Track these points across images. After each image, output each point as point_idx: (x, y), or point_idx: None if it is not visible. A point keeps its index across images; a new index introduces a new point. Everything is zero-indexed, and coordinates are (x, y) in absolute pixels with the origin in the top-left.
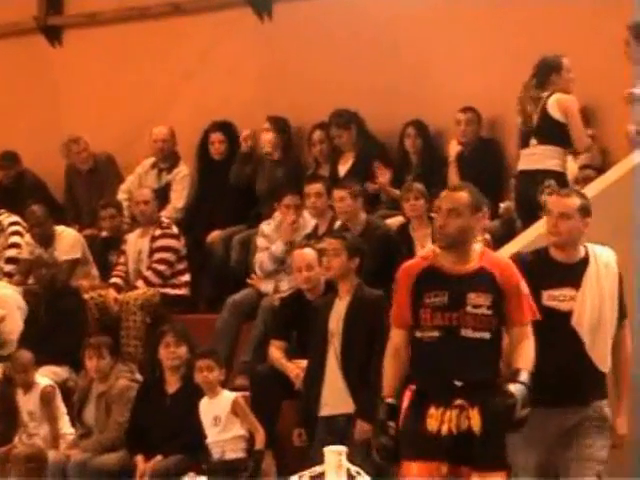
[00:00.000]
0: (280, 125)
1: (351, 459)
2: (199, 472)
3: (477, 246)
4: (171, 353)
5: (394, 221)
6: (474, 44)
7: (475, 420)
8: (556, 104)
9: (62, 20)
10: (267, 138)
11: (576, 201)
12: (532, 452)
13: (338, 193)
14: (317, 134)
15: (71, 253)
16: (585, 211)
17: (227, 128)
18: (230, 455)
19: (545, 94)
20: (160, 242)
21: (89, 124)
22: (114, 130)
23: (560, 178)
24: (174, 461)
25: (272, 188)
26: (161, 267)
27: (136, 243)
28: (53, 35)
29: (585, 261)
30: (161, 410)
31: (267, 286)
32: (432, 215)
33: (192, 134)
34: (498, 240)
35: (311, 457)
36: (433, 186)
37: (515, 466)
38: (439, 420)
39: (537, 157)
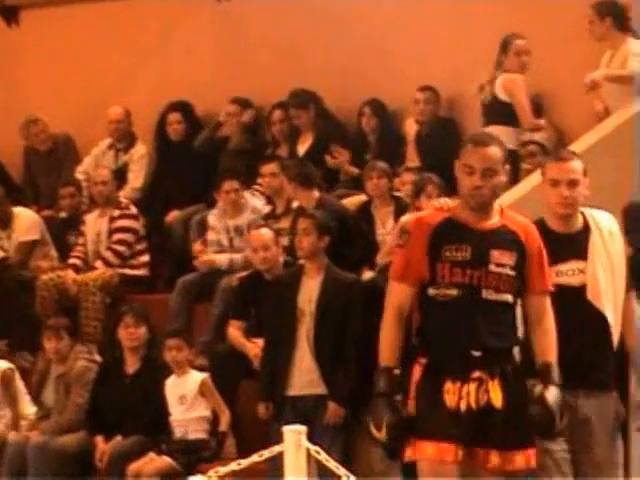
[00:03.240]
0: (245, 106)
1: (317, 441)
2: (159, 452)
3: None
4: (130, 334)
5: (355, 199)
6: (433, 23)
7: (495, 393)
8: (502, 84)
9: (19, 0)
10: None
11: (579, 164)
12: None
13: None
14: (276, 114)
15: (29, 234)
16: (585, 172)
17: (185, 108)
18: (192, 435)
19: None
20: (119, 223)
21: (47, 105)
22: (72, 111)
23: (511, 156)
24: (134, 441)
25: (235, 168)
26: (120, 248)
27: (95, 224)
28: (10, 15)
29: (586, 229)
30: (120, 391)
31: (220, 259)
32: (395, 194)
33: (151, 114)
34: None
35: (273, 437)
36: (391, 165)
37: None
38: (457, 395)
39: None
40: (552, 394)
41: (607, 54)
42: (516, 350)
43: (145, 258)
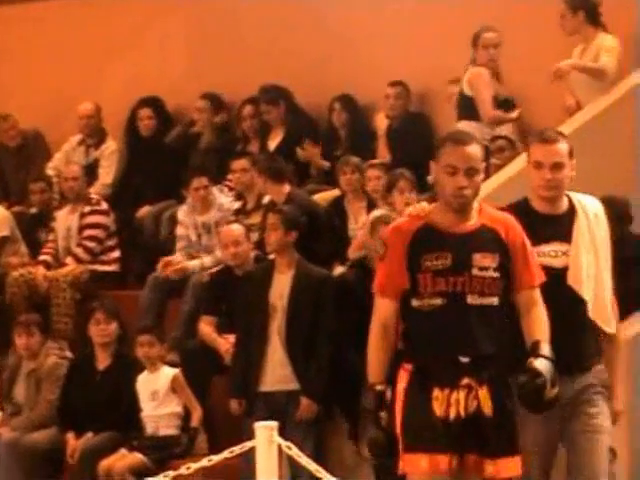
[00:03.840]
0: (215, 102)
1: (290, 436)
2: (130, 448)
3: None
4: (101, 330)
5: (329, 194)
6: (403, 18)
7: (485, 401)
8: (467, 78)
9: None
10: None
11: (564, 145)
12: (539, 425)
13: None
14: (247, 109)
15: None
16: (571, 153)
17: (156, 104)
18: (164, 431)
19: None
20: (89, 219)
21: (17, 101)
22: (42, 107)
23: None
24: (105, 438)
25: (206, 164)
26: (90, 244)
27: (65, 220)
28: None
29: (572, 211)
30: (91, 387)
31: (193, 265)
32: (366, 189)
33: (121, 110)
34: None
35: (244, 433)
36: (363, 160)
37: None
38: (445, 403)
39: None
40: (542, 363)
41: (578, 48)
42: None
43: (116, 254)
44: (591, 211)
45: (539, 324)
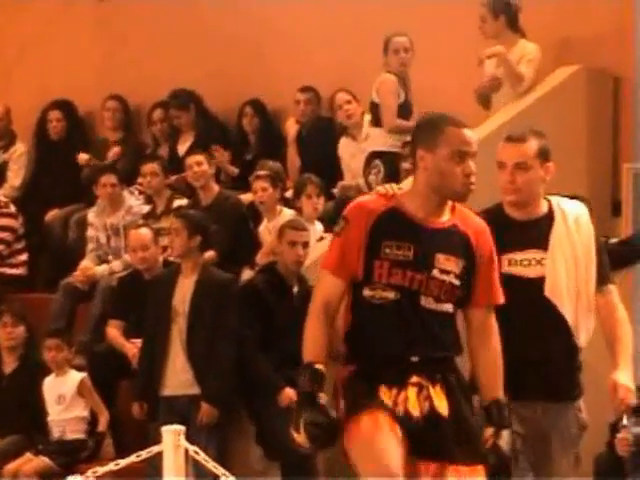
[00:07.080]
0: (121, 104)
1: (193, 441)
2: (36, 452)
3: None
4: (8, 333)
5: (247, 198)
6: (315, 22)
7: (439, 401)
8: (375, 85)
9: None
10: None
11: (533, 145)
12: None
13: (194, 158)
14: (157, 113)
15: None
16: (545, 154)
17: (65, 107)
18: (70, 435)
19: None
20: None
21: None
22: None
23: (394, 157)
24: (11, 441)
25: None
26: None
27: None
28: None
29: (550, 217)
30: None
31: (102, 270)
32: (285, 195)
33: (31, 113)
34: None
35: (151, 437)
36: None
37: None
38: (392, 401)
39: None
40: (504, 440)
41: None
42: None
43: (23, 257)
44: (571, 216)
45: (498, 367)
